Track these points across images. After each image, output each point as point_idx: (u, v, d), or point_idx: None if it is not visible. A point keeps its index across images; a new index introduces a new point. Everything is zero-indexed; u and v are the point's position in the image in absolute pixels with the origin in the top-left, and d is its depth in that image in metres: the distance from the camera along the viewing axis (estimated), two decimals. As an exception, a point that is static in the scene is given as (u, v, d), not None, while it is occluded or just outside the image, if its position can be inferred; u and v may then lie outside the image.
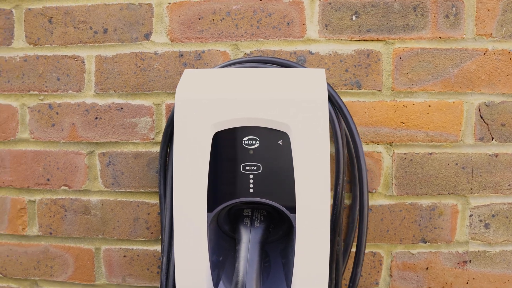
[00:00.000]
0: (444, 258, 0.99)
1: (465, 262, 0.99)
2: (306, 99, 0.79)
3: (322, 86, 0.81)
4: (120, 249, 1.05)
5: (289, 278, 0.85)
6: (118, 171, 1.04)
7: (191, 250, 0.84)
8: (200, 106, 0.81)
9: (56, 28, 1.03)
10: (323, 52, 0.98)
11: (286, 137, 0.81)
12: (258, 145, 0.81)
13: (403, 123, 0.97)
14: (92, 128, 1.04)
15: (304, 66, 0.96)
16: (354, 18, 0.97)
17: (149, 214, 1.04)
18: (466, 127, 0.97)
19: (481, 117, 0.96)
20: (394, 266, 1.00)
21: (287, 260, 0.88)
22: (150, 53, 1.01)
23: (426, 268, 0.99)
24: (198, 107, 0.81)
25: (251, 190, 0.82)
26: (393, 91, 0.97)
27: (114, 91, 1.03)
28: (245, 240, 0.83)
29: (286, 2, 0.98)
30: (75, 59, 1.03)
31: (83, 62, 1.03)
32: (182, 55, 1.01)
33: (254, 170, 0.82)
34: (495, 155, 0.97)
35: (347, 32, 0.97)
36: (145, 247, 1.05)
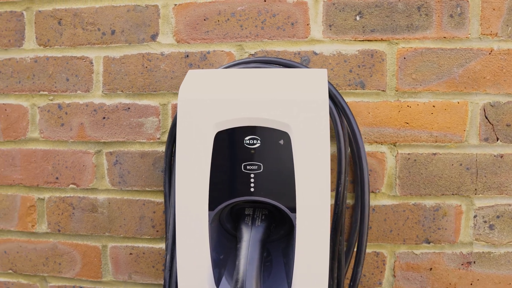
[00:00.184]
0: (448, 259, 0.99)
1: (469, 263, 0.98)
2: (307, 99, 0.80)
3: (323, 86, 0.82)
4: (126, 246, 1.07)
5: (290, 277, 0.85)
6: (124, 170, 1.06)
7: (193, 248, 0.85)
8: (202, 106, 0.82)
9: (65, 29, 1.05)
10: (327, 52, 0.98)
11: (287, 137, 0.81)
12: (259, 144, 0.82)
13: (407, 123, 0.97)
14: (100, 127, 1.06)
15: (307, 67, 0.96)
16: (358, 18, 0.97)
17: (154, 212, 1.05)
18: (470, 128, 0.96)
19: (486, 117, 0.96)
20: (398, 266, 1.00)
21: (288, 259, 0.88)
22: (156, 54, 1.03)
23: (430, 268, 0.99)
24: (200, 107, 0.82)
25: (252, 189, 0.83)
26: (397, 91, 0.97)
27: (122, 92, 1.05)
28: (246, 238, 0.84)
29: (290, 2, 0.98)
30: (84, 60, 1.05)
31: (92, 63, 1.05)
32: (187, 56, 1.02)
33: (255, 169, 0.83)
34: (500, 156, 0.96)
35: (351, 32, 0.97)
36: (150, 245, 1.06)
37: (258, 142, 0.82)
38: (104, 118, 1.05)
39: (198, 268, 0.85)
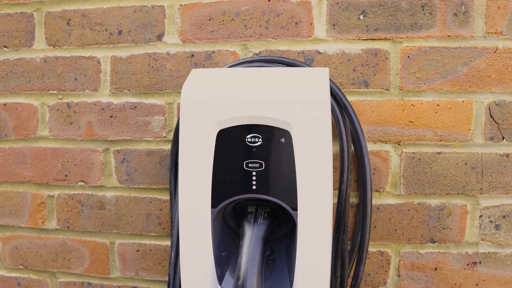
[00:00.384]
0: (453, 258, 0.98)
1: (474, 263, 0.97)
2: (308, 98, 0.80)
3: (325, 85, 0.82)
4: (133, 243, 1.09)
5: (292, 275, 0.86)
6: (131, 168, 1.07)
7: (196, 244, 0.86)
8: (204, 105, 0.83)
9: (74, 30, 1.08)
10: (331, 51, 0.98)
11: (288, 135, 0.82)
12: (261, 142, 0.83)
13: (411, 122, 0.97)
14: (107, 126, 1.08)
15: (309, 66, 0.97)
16: (361, 17, 0.97)
17: (161, 210, 1.07)
18: (475, 127, 0.95)
19: (491, 116, 0.95)
20: (402, 265, 1.00)
21: (291, 257, 0.89)
22: (162, 53, 1.04)
23: (435, 268, 0.99)
24: (202, 106, 0.83)
25: (254, 187, 0.84)
26: (401, 90, 0.97)
27: (128, 91, 1.06)
28: (248, 235, 0.85)
29: (294, 2, 0.99)
30: (92, 60, 1.07)
31: (99, 63, 1.07)
32: (193, 55, 1.03)
33: (257, 167, 0.83)
34: (506, 155, 0.95)
35: (355, 31, 0.98)
36: (157, 242, 1.08)
37: (260, 140, 0.83)
38: (111, 116, 1.07)
39: (201, 265, 0.86)
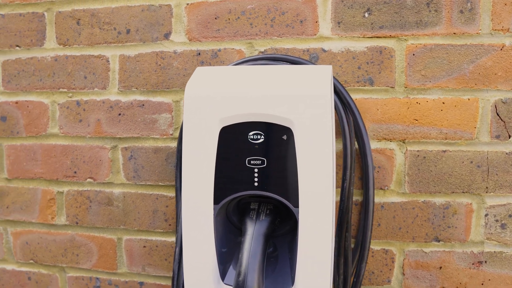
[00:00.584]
0: (458, 257, 0.97)
1: (480, 262, 0.97)
2: (309, 95, 0.81)
3: (326, 82, 0.82)
4: (140, 239, 1.10)
5: (294, 271, 0.86)
6: (139, 165, 1.09)
7: (199, 240, 0.87)
8: (207, 102, 0.84)
9: (83, 29, 1.10)
10: (336, 49, 0.98)
11: (290, 132, 0.82)
12: (263, 139, 0.83)
13: (416, 120, 0.97)
14: (115, 123, 1.09)
15: (313, 63, 0.97)
16: (366, 15, 0.97)
17: (167, 206, 1.08)
18: (481, 125, 0.95)
19: (497, 114, 0.94)
20: (407, 264, 0.99)
21: (293, 254, 0.89)
22: (169, 52, 1.06)
23: (440, 267, 0.98)
24: (206, 103, 0.84)
25: (256, 184, 0.84)
26: (406, 88, 0.97)
27: (136, 89, 1.08)
28: (249, 232, 0.85)
29: (299, 0, 0.99)
30: (101, 59, 1.09)
31: (108, 61, 1.09)
32: (199, 54, 1.04)
33: (259, 164, 0.84)
34: (512, 154, 0.94)
35: (360, 29, 0.98)
36: (163, 238, 1.09)
37: (262, 137, 0.83)
38: (119, 114, 1.09)
39: (204, 260, 0.87)
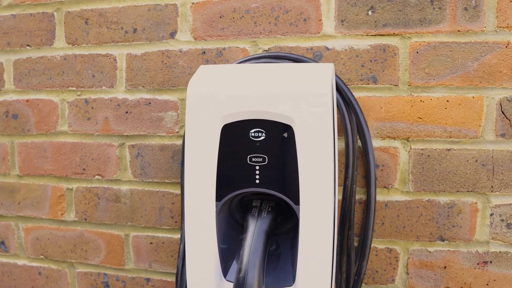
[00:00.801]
0: (463, 257, 0.96)
1: (485, 262, 0.96)
2: (309, 93, 0.81)
3: (327, 80, 0.82)
4: (147, 236, 1.12)
5: (295, 269, 0.86)
6: (145, 162, 1.10)
7: (201, 237, 0.88)
8: (209, 100, 0.85)
9: (91, 29, 1.12)
10: (339, 47, 0.98)
11: (290, 129, 0.82)
12: (264, 137, 0.84)
13: (420, 118, 0.96)
14: (123, 121, 1.11)
15: (316, 61, 0.97)
16: (370, 13, 0.97)
17: (173, 203, 1.09)
18: (486, 123, 0.94)
19: (502, 112, 0.93)
20: (411, 263, 0.99)
21: (294, 251, 0.89)
22: (175, 50, 1.07)
23: (444, 267, 0.97)
24: (208, 101, 0.85)
25: (257, 181, 0.85)
26: (410, 86, 0.96)
27: (143, 87, 1.09)
28: (251, 229, 0.86)
29: (303, -1, 1.00)
30: (108, 58, 1.11)
31: (115, 60, 1.11)
32: (204, 52, 1.05)
33: (260, 161, 0.85)
34: (518, 152, 0.93)
35: (363, 27, 0.97)
36: (169, 235, 1.10)
37: (263, 135, 0.84)
38: (127, 112, 1.11)
39: (206, 257, 0.88)
